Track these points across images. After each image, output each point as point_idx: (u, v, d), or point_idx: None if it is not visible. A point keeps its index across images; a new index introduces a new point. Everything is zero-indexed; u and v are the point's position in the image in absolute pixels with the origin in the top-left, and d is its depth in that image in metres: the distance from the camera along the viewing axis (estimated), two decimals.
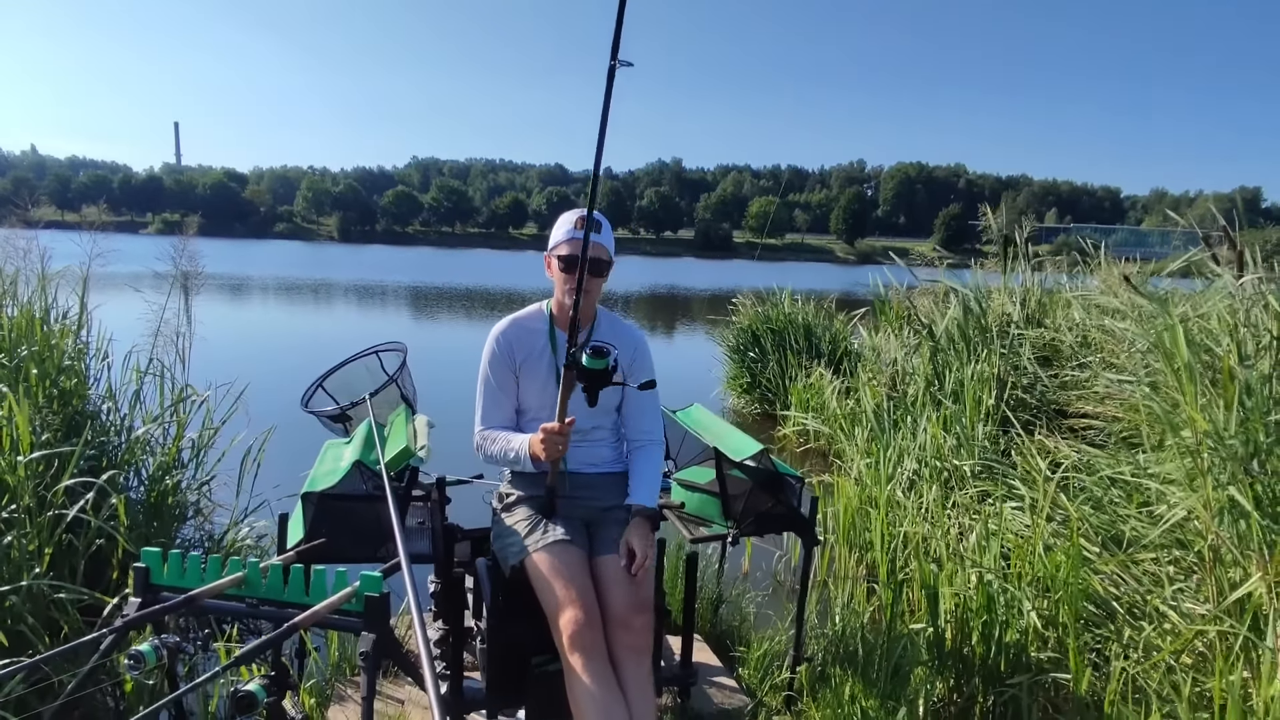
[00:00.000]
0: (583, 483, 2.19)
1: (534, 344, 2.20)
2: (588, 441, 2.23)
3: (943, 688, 2.67)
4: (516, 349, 2.20)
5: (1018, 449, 3.92)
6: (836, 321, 8.29)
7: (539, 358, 2.19)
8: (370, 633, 1.46)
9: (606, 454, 2.26)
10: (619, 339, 2.22)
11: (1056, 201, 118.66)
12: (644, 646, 1.93)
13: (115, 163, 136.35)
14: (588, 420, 2.20)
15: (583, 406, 2.18)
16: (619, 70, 1.82)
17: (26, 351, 3.50)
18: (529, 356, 2.19)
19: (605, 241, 2.12)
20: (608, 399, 2.19)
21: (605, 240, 2.12)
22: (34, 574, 2.55)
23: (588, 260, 1.97)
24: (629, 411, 2.27)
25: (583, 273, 1.95)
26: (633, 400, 2.24)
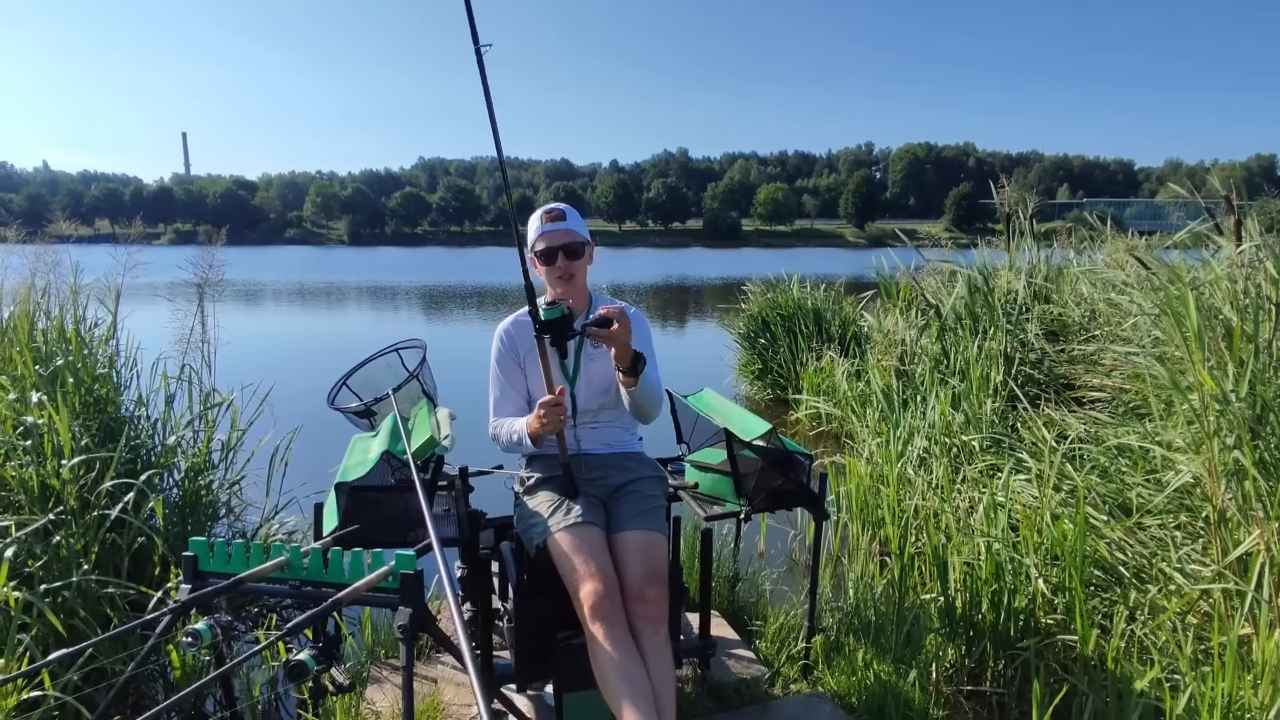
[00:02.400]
0: (596, 463, 2.30)
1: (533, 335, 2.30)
2: (599, 423, 2.36)
3: (954, 653, 2.76)
4: (519, 343, 2.34)
5: (1025, 423, 3.99)
6: (846, 305, 8.34)
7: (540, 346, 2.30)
8: (406, 607, 1.57)
9: (618, 434, 2.38)
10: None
11: (1068, 177, 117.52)
12: (659, 616, 2.03)
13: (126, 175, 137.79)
14: (594, 400, 2.33)
15: (589, 386, 2.31)
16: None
17: (62, 361, 3.64)
18: (531, 349, 2.31)
19: (573, 226, 2.27)
20: (607, 376, 2.31)
21: (573, 225, 2.28)
22: (82, 571, 2.69)
23: (562, 246, 2.21)
24: None
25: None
26: None
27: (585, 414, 2.34)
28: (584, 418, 2.35)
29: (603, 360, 2.31)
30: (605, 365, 2.31)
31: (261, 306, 18.96)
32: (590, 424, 2.35)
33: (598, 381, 2.34)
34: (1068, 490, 3.21)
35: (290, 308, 19.57)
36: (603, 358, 2.31)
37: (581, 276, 2.31)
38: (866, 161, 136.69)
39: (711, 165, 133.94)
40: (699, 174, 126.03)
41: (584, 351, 2.33)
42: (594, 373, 2.33)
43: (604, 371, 2.32)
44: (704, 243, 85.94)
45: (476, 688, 1.30)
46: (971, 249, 6.12)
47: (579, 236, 2.27)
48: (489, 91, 2.08)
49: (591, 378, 2.34)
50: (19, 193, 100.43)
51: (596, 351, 2.32)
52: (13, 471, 2.89)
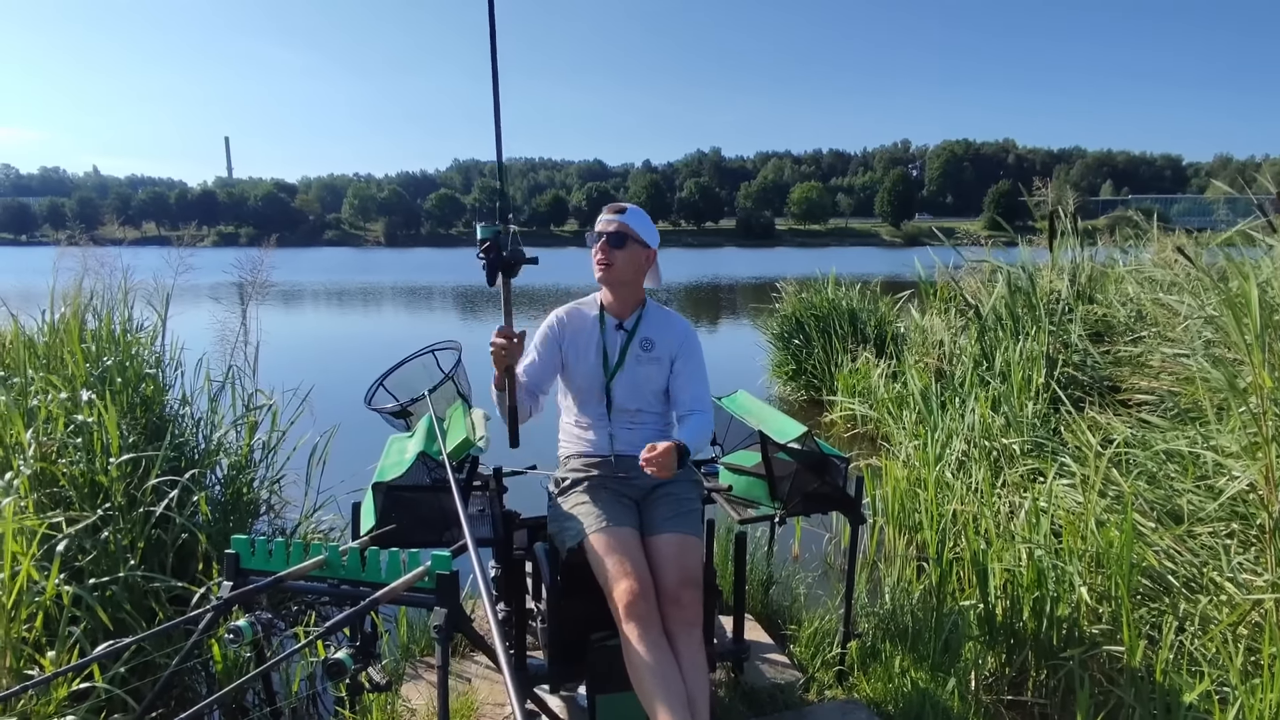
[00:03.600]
0: (631, 465, 2.29)
1: (584, 324, 2.38)
2: (636, 424, 2.36)
3: (994, 661, 2.70)
4: (568, 328, 2.38)
5: (1068, 426, 3.89)
6: (882, 305, 8.22)
7: (588, 337, 2.36)
8: (442, 607, 1.58)
9: (653, 437, 2.34)
10: (667, 327, 2.38)
11: (1112, 173, 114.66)
12: (694, 619, 2.02)
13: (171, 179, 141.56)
14: (631, 400, 2.34)
15: (631, 386, 2.31)
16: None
17: (111, 361, 3.75)
18: (578, 334, 2.36)
19: (631, 222, 2.29)
20: (652, 381, 2.32)
21: (631, 221, 2.29)
22: (129, 566, 2.76)
23: (608, 232, 2.25)
24: (676, 387, 2.38)
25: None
26: (679, 376, 2.36)
27: (621, 412, 2.35)
28: (619, 415, 2.35)
29: (650, 367, 2.33)
30: (653, 371, 2.33)
31: (301, 308, 19.33)
32: (627, 424, 2.35)
33: (642, 384, 2.34)
34: (1113, 496, 3.12)
35: (329, 309, 19.93)
36: (651, 364, 2.33)
37: (624, 269, 2.30)
38: (903, 159, 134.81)
39: (745, 164, 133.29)
40: (732, 173, 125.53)
41: (632, 350, 2.33)
42: (639, 375, 2.33)
43: (650, 376, 2.33)
44: (737, 242, 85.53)
45: (510, 688, 1.30)
46: (1012, 247, 6.00)
47: (630, 230, 2.28)
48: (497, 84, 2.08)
49: (635, 379, 2.33)
50: (71, 197, 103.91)
51: (647, 355, 2.33)
52: (64, 468, 2.97)
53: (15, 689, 1.44)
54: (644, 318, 2.37)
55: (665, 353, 2.35)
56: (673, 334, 2.38)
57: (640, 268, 2.33)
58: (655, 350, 2.35)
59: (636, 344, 2.34)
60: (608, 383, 2.33)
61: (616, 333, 2.35)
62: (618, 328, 2.36)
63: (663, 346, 2.35)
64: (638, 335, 2.35)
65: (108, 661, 2.21)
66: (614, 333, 2.36)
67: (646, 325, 2.37)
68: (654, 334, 2.36)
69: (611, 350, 2.34)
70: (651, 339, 2.35)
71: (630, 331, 2.35)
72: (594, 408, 2.37)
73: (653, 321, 2.38)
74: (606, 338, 2.35)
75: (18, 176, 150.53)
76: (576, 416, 2.42)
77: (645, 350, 2.34)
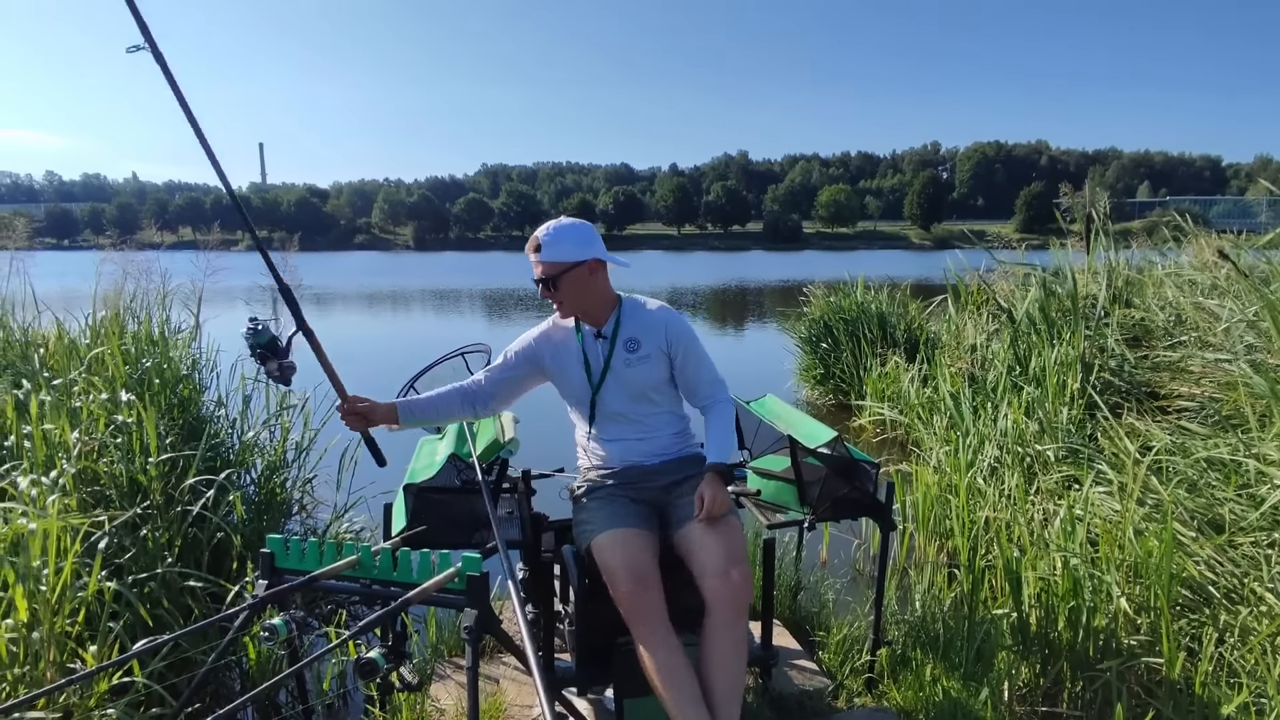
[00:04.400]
0: (643, 474, 2.26)
1: (565, 339, 2.31)
2: (646, 431, 2.28)
3: (1028, 672, 2.65)
4: (548, 345, 2.32)
5: (1105, 432, 3.81)
6: (912, 309, 8.13)
7: (570, 352, 2.29)
8: (473, 609, 1.59)
9: (667, 442, 2.30)
10: (648, 321, 2.28)
11: (1150, 174, 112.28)
12: (742, 601, 1.98)
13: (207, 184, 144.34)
14: (625, 405, 2.26)
15: (621, 389, 2.25)
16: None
17: (150, 363, 3.83)
18: (560, 349, 2.31)
19: (551, 256, 2.16)
20: (647, 380, 2.24)
21: (551, 255, 2.16)
22: (166, 563, 2.82)
23: (541, 279, 2.18)
24: (684, 381, 2.30)
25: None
26: (684, 370, 2.27)
27: (617, 418, 2.28)
28: (621, 426, 2.28)
29: (641, 367, 2.24)
30: (646, 370, 2.24)
31: (332, 310, 19.61)
32: (640, 436, 2.29)
33: (631, 387, 2.25)
34: (1152, 504, 3.05)
35: (359, 312, 20.19)
36: (641, 363, 2.24)
37: (575, 298, 2.21)
38: (933, 161, 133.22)
39: (772, 167, 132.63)
40: (759, 176, 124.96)
41: (617, 356, 2.25)
42: (631, 378, 2.24)
43: (640, 377, 2.24)
44: (764, 245, 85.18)
45: (540, 690, 1.31)
46: (1044, 250, 5.90)
47: (555, 267, 2.16)
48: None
49: (624, 382, 2.25)
50: (111, 202, 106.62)
51: (635, 356, 2.24)
52: (105, 467, 3.05)
53: (59, 683, 1.48)
54: (622, 319, 2.27)
55: (654, 347, 2.25)
56: (655, 326, 2.27)
57: (587, 283, 2.20)
58: (643, 348, 2.24)
59: (621, 348, 2.25)
60: (594, 395, 2.27)
61: (597, 342, 2.27)
62: (597, 336, 2.27)
63: (649, 342, 2.25)
64: (619, 339, 2.26)
65: (146, 658, 2.26)
66: (594, 343, 2.27)
67: (627, 325, 2.27)
68: (636, 332, 2.26)
69: (595, 361, 2.26)
70: (636, 338, 2.25)
71: (611, 337, 2.26)
72: (591, 421, 2.31)
73: (632, 319, 2.28)
74: (587, 349, 2.27)
75: (61, 183, 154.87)
76: (584, 431, 2.36)
77: (632, 351, 2.24)
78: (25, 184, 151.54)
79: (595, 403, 2.28)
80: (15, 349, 4.10)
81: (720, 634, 1.96)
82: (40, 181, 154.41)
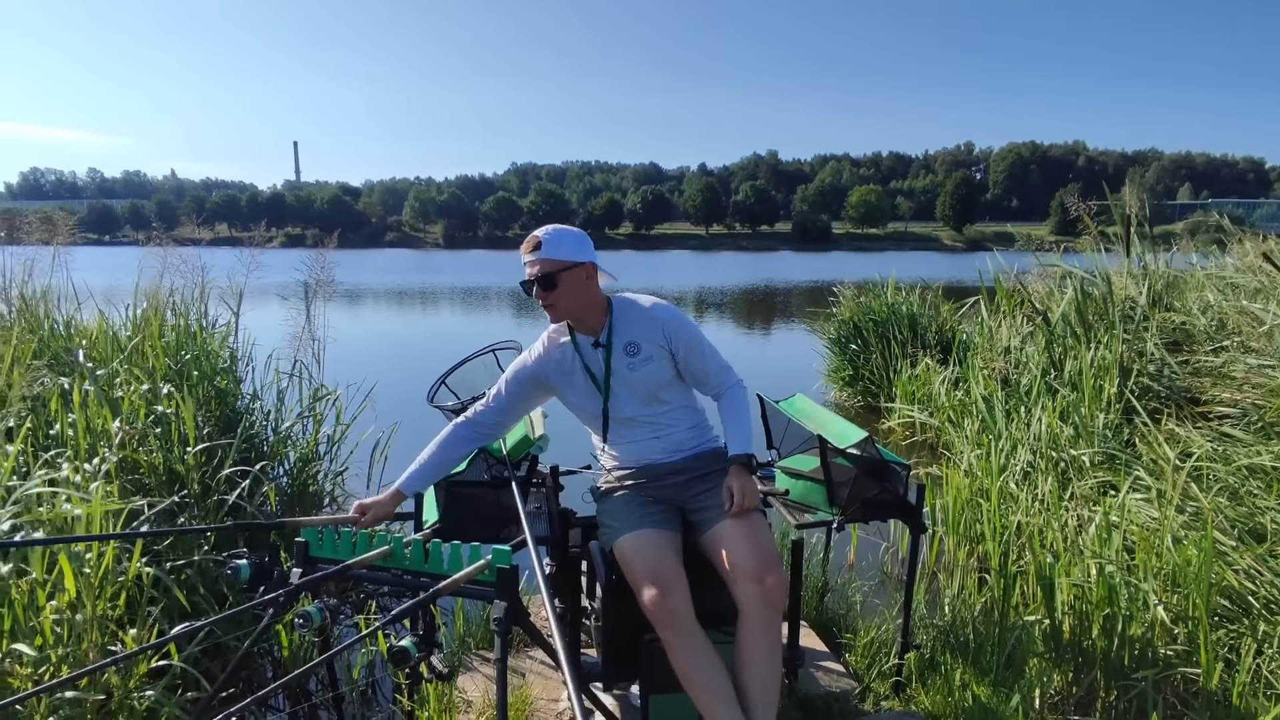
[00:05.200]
0: (662, 472, 2.23)
1: (563, 354, 2.26)
2: (662, 429, 2.25)
3: (1060, 680, 2.61)
4: (547, 363, 2.27)
5: (1143, 438, 3.73)
6: (943, 310, 8.03)
7: (570, 365, 2.25)
8: (502, 601, 1.60)
9: (682, 438, 2.26)
10: (643, 321, 2.23)
11: (1191, 175, 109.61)
12: (778, 602, 1.96)
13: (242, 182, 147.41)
14: (637, 410, 2.22)
15: (630, 394, 2.21)
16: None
17: (188, 356, 3.92)
18: (560, 364, 2.26)
19: (550, 254, 2.12)
20: (654, 380, 2.20)
21: (549, 253, 2.12)
22: (203, 551, 2.88)
23: (536, 278, 2.11)
24: (690, 374, 2.25)
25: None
26: (689, 365, 2.23)
27: (631, 423, 2.25)
28: (635, 428, 2.25)
29: (645, 369, 2.19)
30: (651, 370, 2.19)
31: (363, 308, 19.87)
32: (656, 435, 2.25)
33: (639, 390, 2.21)
34: (1191, 512, 2.98)
35: (390, 309, 20.44)
36: (644, 365, 2.19)
37: (569, 302, 2.16)
38: (966, 162, 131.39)
39: (802, 167, 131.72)
40: (789, 176, 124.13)
41: (618, 361, 2.21)
42: (637, 381, 2.20)
43: (646, 379, 2.20)
44: (793, 246, 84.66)
45: (569, 683, 1.31)
46: (1084, 253, 5.79)
47: (555, 264, 2.11)
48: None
49: (631, 387, 2.21)
50: (150, 199, 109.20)
51: (637, 359, 2.20)
52: (144, 456, 3.12)
53: (102, 663, 1.52)
54: (615, 324, 2.22)
55: (654, 346, 2.19)
56: (653, 325, 2.21)
57: (584, 286, 2.16)
58: (643, 350, 2.19)
59: (620, 353, 2.20)
60: (605, 405, 2.23)
61: (595, 351, 2.22)
62: (594, 345, 2.22)
63: (649, 342, 2.20)
64: (616, 344, 2.21)
65: (182, 642, 2.31)
66: (592, 352, 2.22)
67: (622, 329, 2.21)
68: (633, 334, 2.21)
69: (597, 370, 2.22)
70: (634, 341, 2.20)
71: (607, 345, 2.21)
72: (604, 431, 2.28)
73: (626, 322, 2.22)
74: (587, 359, 2.22)
75: (103, 180, 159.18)
76: (600, 438, 2.34)
77: (632, 355, 2.19)
78: (69, 181, 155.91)
79: (607, 411, 2.24)
80: (59, 340, 4.21)
81: (756, 636, 1.94)
82: (84, 178, 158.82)
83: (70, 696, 1.87)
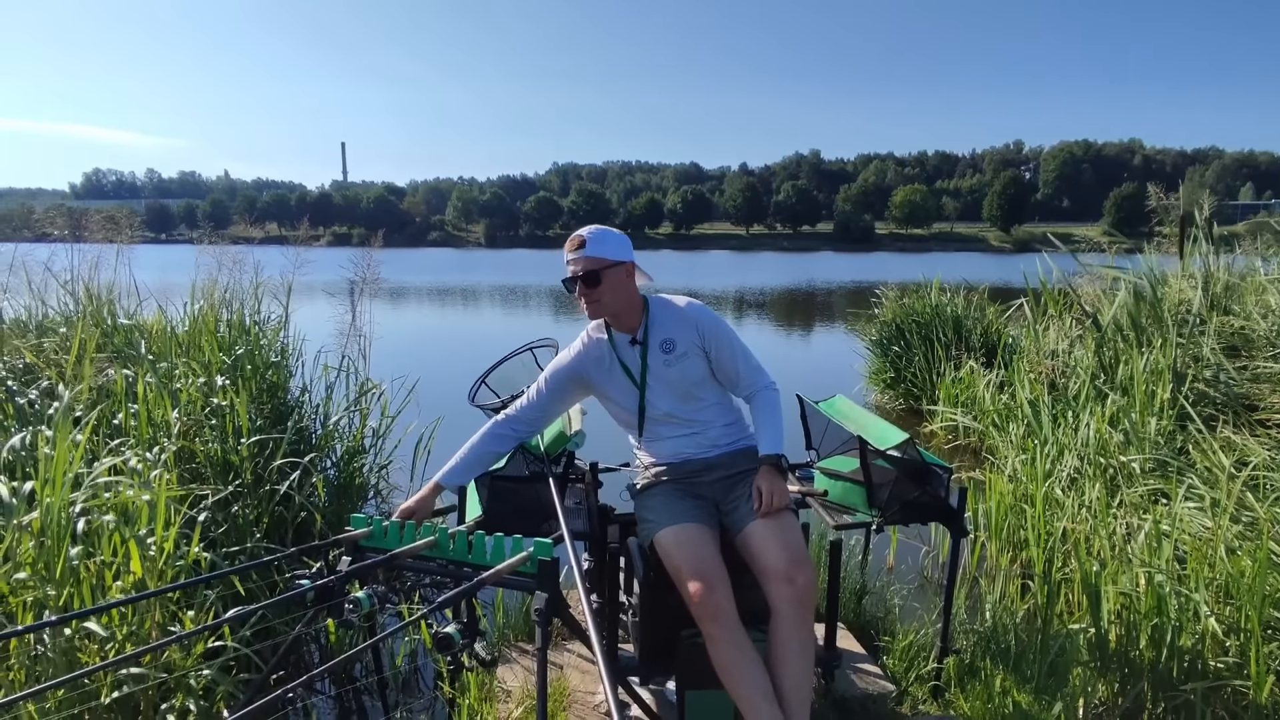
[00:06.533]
0: (700, 468, 2.26)
1: (600, 352, 2.32)
2: (699, 425, 2.29)
3: (1105, 690, 2.56)
4: (585, 360, 2.33)
5: (1196, 445, 3.63)
6: (989, 312, 7.88)
7: (609, 362, 2.30)
8: (543, 592, 1.64)
9: (718, 434, 2.30)
10: (678, 319, 2.28)
11: (1253, 175, 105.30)
12: (808, 600, 1.98)
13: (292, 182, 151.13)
14: (674, 406, 2.26)
15: (667, 391, 2.25)
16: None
17: (241, 350, 4.06)
18: (599, 363, 2.31)
19: (594, 253, 2.19)
20: (689, 377, 2.25)
21: (594, 251, 2.19)
22: (255, 538, 2.98)
23: (580, 275, 2.17)
24: (723, 374, 2.30)
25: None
26: (721, 365, 2.27)
27: (667, 420, 2.29)
28: (672, 425, 2.29)
29: (680, 365, 2.24)
30: (686, 367, 2.24)
31: (406, 306, 20.23)
32: (691, 432, 2.29)
33: (675, 387, 2.26)
34: (1247, 522, 2.90)
35: (432, 307, 20.78)
36: (679, 362, 2.24)
37: (612, 300, 2.22)
38: (1015, 161, 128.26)
39: (845, 167, 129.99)
40: (831, 176, 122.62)
41: (654, 357, 2.26)
42: (672, 378, 2.25)
43: (682, 376, 2.25)
44: (834, 246, 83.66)
45: (604, 675, 1.34)
46: (1135, 254, 5.64)
47: (599, 262, 2.19)
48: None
49: (670, 383, 2.26)
50: (205, 199, 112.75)
51: (673, 355, 2.25)
52: (200, 446, 3.24)
53: (163, 641, 1.60)
54: (652, 322, 2.29)
55: (689, 344, 2.25)
56: (687, 323, 2.27)
57: (625, 285, 2.24)
58: (678, 348, 2.25)
59: (656, 350, 2.26)
60: (641, 400, 2.28)
61: (632, 348, 2.28)
62: (631, 343, 2.28)
63: (684, 340, 2.25)
64: (653, 342, 2.27)
65: (236, 625, 2.40)
66: (629, 349, 2.29)
67: (658, 328, 2.28)
68: (669, 332, 2.27)
69: (633, 367, 2.28)
70: (670, 338, 2.26)
71: (644, 342, 2.27)
72: (641, 428, 2.32)
73: (662, 320, 2.29)
74: (624, 357, 2.29)
75: (160, 180, 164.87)
76: (637, 437, 2.37)
77: (668, 352, 2.26)
78: (129, 181, 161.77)
79: (644, 407, 2.29)
80: (121, 335, 4.39)
81: (788, 634, 1.96)
82: (142, 179, 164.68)
83: (134, 673, 1.96)
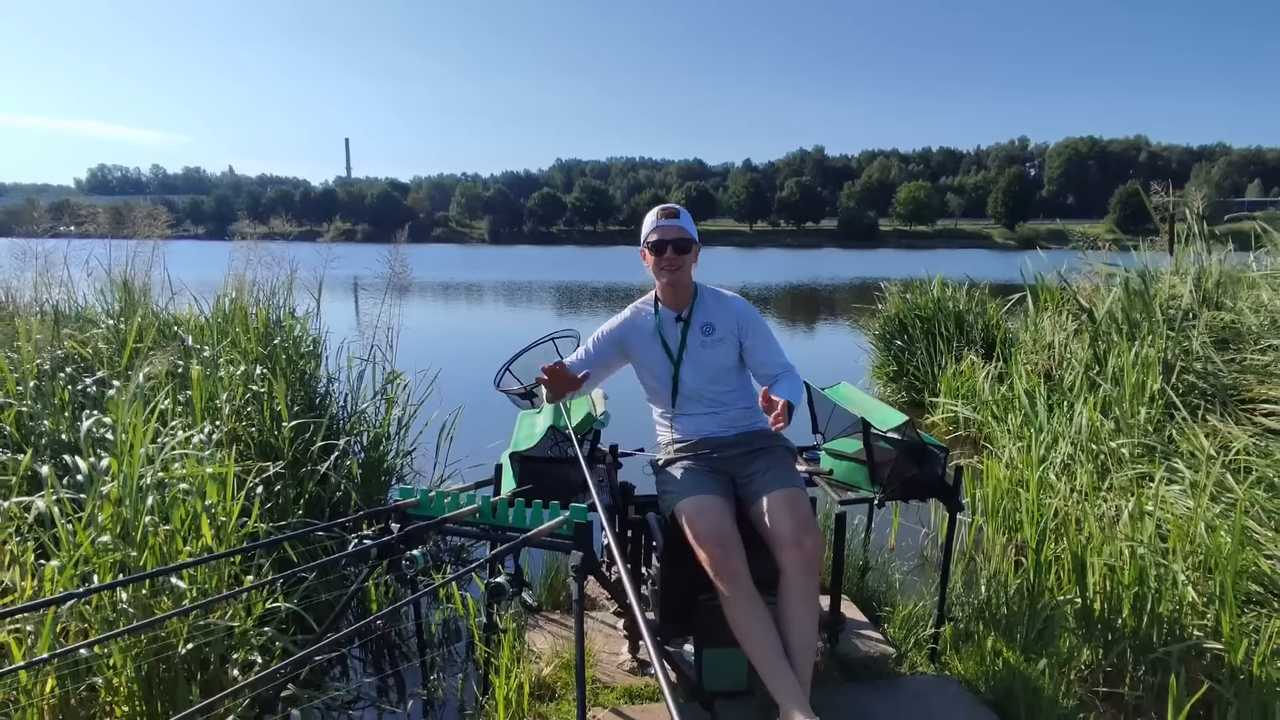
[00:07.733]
0: (719, 445, 2.47)
1: (644, 323, 2.55)
2: (721, 406, 2.50)
3: (1090, 655, 2.75)
4: (630, 330, 2.56)
5: (1181, 431, 3.82)
6: (990, 308, 8.06)
7: (650, 334, 2.53)
8: (579, 551, 1.84)
9: (738, 415, 2.51)
10: (723, 309, 2.52)
11: (1261, 171, 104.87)
12: (814, 562, 2.18)
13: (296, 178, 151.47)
14: (702, 385, 2.48)
15: (697, 371, 2.48)
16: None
17: (277, 341, 4.27)
18: (640, 333, 2.54)
19: (685, 225, 2.45)
20: (720, 363, 2.47)
21: (685, 224, 2.46)
22: (297, 515, 3.19)
23: (673, 240, 2.40)
24: (753, 362, 2.51)
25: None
26: (753, 352, 2.50)
27: (699, 399, 2.49)
28: (698, 403, 2.50)
29: (715, 349, 2.47)
30: (719, 353, 2.47)
31: (418, 301, 20.45)
32: (707, 409, 2.49)
33: (707, 368, 2.48)
34: (1226, 503, 3.09)
35: (444, 302, 20.99)
36: (715, 346, 2.47)
37: (686, 273, 2.47)
38: (1020, 158, 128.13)
39: (849, 163, 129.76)
40: (835, 172, 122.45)
41: (693, 337, 2.48)
42: (706, 359, 2.47)
43: (715, 359, 2.47)
44: (838, 243, 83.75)
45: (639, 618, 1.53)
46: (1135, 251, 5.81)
47: (689, 234, 2.45)
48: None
49: (703, 363, 2.48)
50: (209, 195, 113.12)
51: (710, 339, 2.47)
52: (243, 429, 3.46)
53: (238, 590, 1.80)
54: (698, 305, 2.51)
55: (727, 333, 2.48)
56: (730, 313, 2.51)
57: (693, 265, 2.49)
58: (717, 333, 2.48)
59: (697, 330, 2.49)
60: (675, 372, 2.49)
61: (675, 325, 2.50)
62: (676, 320, 2.51)
63: (724, 327, 2.49)
64: (696, 322, 2.49)
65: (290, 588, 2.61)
66: (673, 325, 2.51)
67: (702, 311, 2.50)
68: (712, 318, 2.50)
69: (672, 342, 2.50)
70: (711, 323, 2.49)
71: (687, 320, 2.50)
72: (673, 399, 2.52)
73: (708, 306, 2.52)
74: (665, 331, 2.51)
75: (165, 176, 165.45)
76: (662, 411, 2.59)
77: (707, 335, 2.48)
78: (134, 177, 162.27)
79: (677, 380, 2.50)
80: (162, 324, 4.60)
81: (796, 594, 2.16)
82: (147, 175, 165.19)
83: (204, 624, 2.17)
